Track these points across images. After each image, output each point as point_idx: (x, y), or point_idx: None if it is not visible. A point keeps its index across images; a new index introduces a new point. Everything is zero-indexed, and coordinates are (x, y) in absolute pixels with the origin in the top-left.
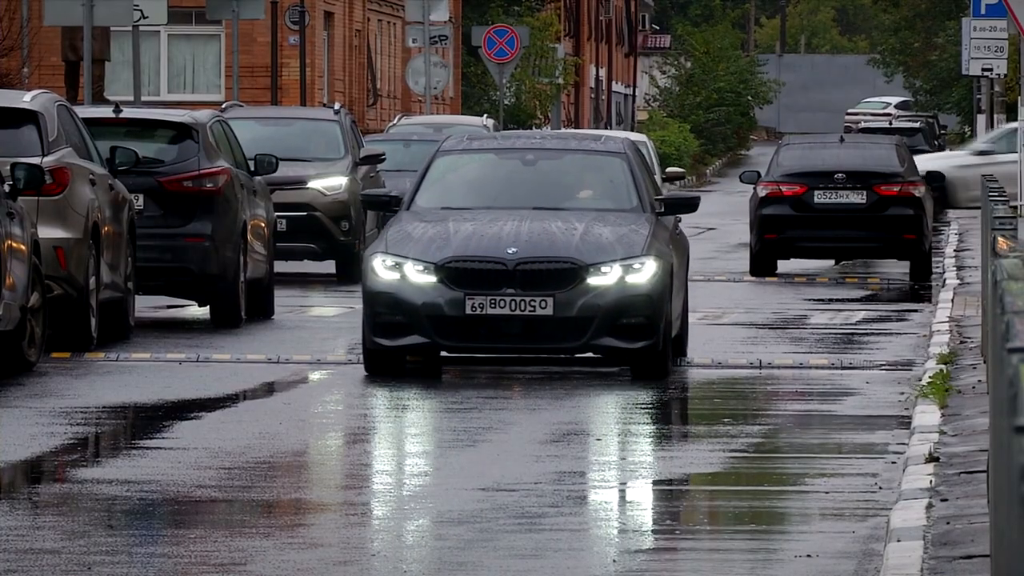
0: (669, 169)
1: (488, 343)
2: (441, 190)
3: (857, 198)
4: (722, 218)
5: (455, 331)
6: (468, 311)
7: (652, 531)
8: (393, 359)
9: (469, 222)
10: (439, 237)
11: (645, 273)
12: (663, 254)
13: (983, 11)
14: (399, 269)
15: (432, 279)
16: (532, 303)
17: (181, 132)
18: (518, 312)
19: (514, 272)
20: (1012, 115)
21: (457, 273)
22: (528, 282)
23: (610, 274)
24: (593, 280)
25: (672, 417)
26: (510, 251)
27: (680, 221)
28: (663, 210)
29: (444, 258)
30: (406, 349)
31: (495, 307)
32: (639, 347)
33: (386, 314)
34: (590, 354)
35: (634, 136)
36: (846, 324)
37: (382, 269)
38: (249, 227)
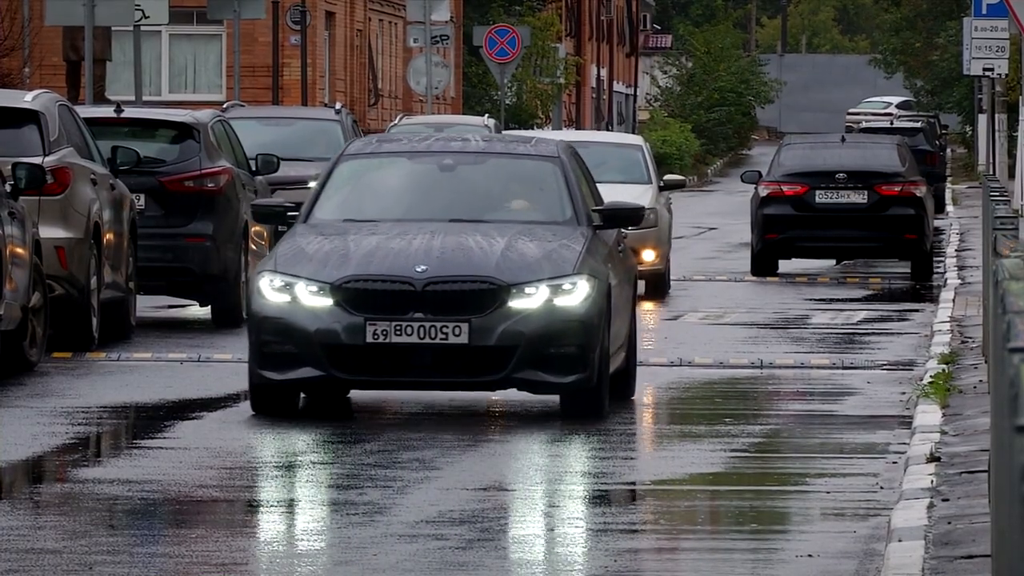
0: (668, 177)
1: (392, 376)
2: (344, 200)
3: (858, 198)
4: (723, 218)
5: (354, 362)
6: (369, 339)
7: (653, 531)
8: (282, 396)
9: (373, 236)
10: (337, 253)
11: (577, 295)
12: (599, 273)
13: (984, 11)
14: (290, 290)
15: (327, 302)
16: (444, 330)
17: (182, 132)
18: (427, 340)
19: (423, 294)
20: (1013, 115)
21: (356, 295)
22: (439, 305)
23: (535, 296)
24: (515, 303)
25: (673, 416)
26: (419, 269)
27: (625, 237)
28: (602, 223)
29: (342, 277)
30: (297, 384)
31: (401, 334)
32: (569, 381)
33: (274, 343)
34: (512, 389)
35: (631, 139)
36: (847, 324)
37: (270, 291)
38: (250, 227)
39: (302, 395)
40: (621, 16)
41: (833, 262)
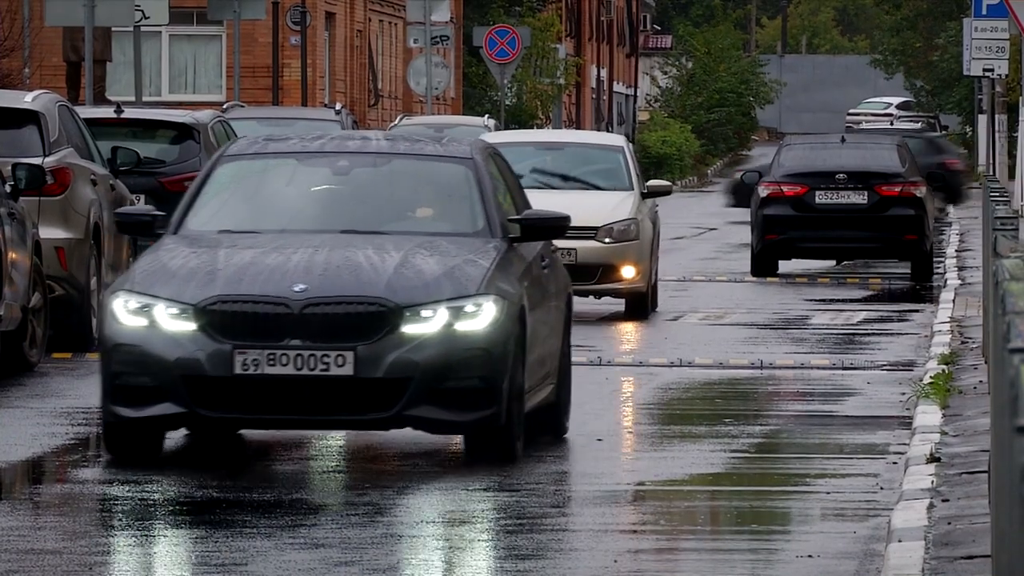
0: (652, 183)
1: (264, 414)
2: (221, 208)
3: (858, 198)
4: (723, 218)
5: (220, 397)
6: (237, 370)
7: (653, 531)
8: (142, 435)
9: (248, 250)
10: (204, 270)
11: (482, 319)
12: (509, 293)
13: (984, 12)
14: (147, 313)
15: (190, 327)
16: (325, 359)
17: (182, 132)
18: (306, 372)
19: (301, 317)
20: (1013, 116)
21: (223, 318)
22: (320, 331)
23: (433, 320)
24: (409, 328)
25: (673, 417)
26: (297, 289)
27: (555, 250)
28: (520, 234)
29: (207, 298)
30: (155, 421)
31: (274, 365)
32: (472, 419)
33: (128, 374)
34: (407, 427)
35: (611, 139)
36: (847, 324)
37: (124, 314)
38: None
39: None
40: (621, 17)
41: (833, 263)
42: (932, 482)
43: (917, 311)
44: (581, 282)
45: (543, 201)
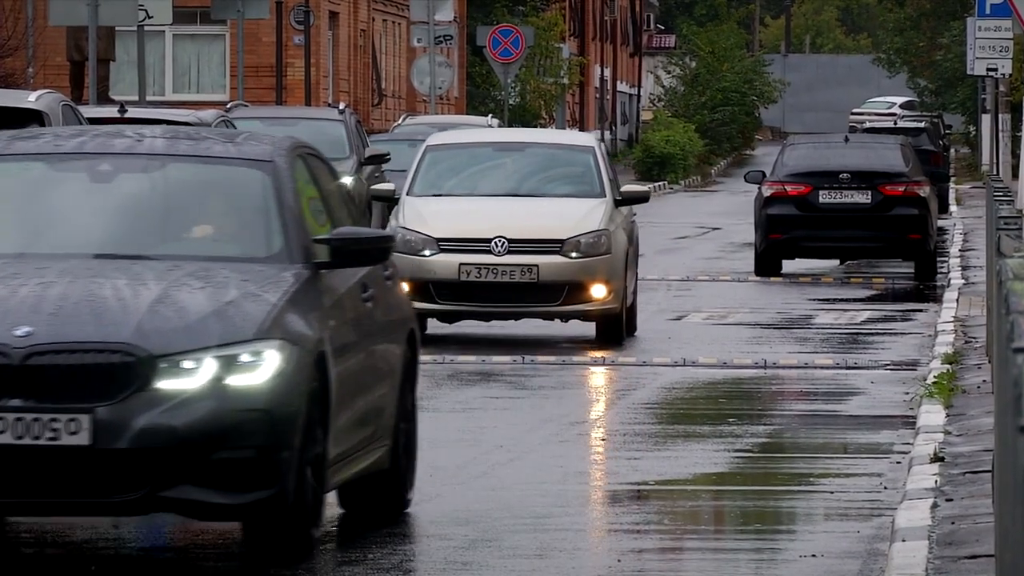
0: (627, 188)
1: None
2: None
3: (862, 198)
4: (727, 218)
5: None
6: None
7: (657, 531)
8: None
9: None
10: None
11: (262, 371)
12: (301, 338)
13: (988, 11)
14: None
15: None
16: (54, 425)
17: None
18: (27, 441)
19: (22, 369)
20: (1017, 115)
21: None
22: (47, 387)
23: (197, 373)
24: (165, 384)
25: (677, 416)
26: (19, 333)
27: (390, 276)
28: (330, 259)
29: None
30: None
31: None
32: (248, 501)
33: None
34: (163, 512)
35: (580, 139)
36: (851, 324)
37: None
38: None
39: None
40: (625, 16)
41: (837, 262)
42: (936, 481)
43: (921, 311)
44: (544, 304)
45: (498, 211)
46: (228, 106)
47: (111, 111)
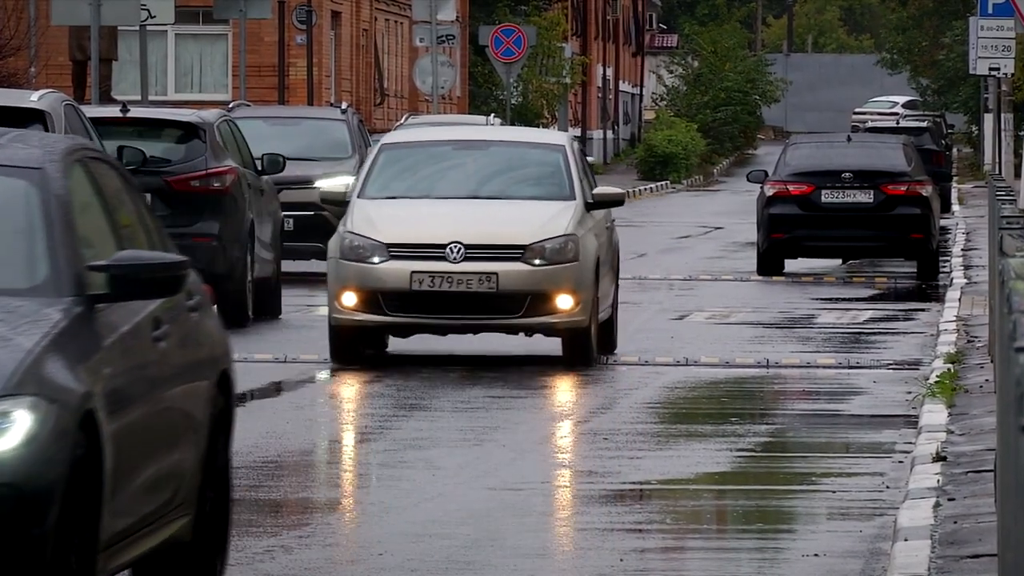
0: (599, 191)
1: None
2: None
3: (864, 197)
4: (729, 217)
5: None
6: None
7: (659, 530)
8: None
9: None
10: None
11: (9, 437)
12: (62, 392)
13: (990, 10)
14: None
15: None
16: None
17: (188, 132)
18: None
19: None
20: (1019, 114)
21: None
22: None
23: None
24: None
25: (679, 416)
26: None
27: (194, 307)
28: (110, 291)
29: None
30: None
31: None
32: None
33: None
34: None
35: (550, 137)
36: (853, 323)
37: None
38: (256, 226)
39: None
40: (627, 15)
41: (839, 261)
42: (938, 481)
43: (923, 310)
44: (504, 315)
45: (455, 214)
46: (230, 106)
47: (113, 111)
